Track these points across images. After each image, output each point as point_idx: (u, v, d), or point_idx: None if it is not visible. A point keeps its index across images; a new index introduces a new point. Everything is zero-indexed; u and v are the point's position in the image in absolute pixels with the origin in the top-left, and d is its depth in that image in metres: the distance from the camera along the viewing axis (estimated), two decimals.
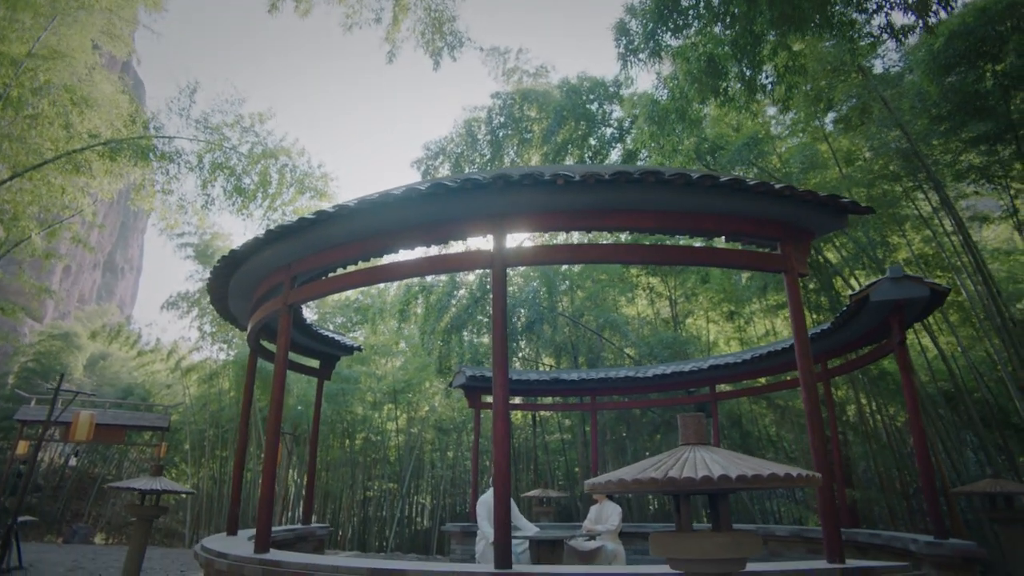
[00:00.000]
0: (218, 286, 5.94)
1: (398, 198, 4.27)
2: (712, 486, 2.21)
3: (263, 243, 5.00)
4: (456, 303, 13.04)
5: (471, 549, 9.59)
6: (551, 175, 4.07)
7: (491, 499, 7.44)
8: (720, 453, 2.51)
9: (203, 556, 4.98)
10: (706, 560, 2.38)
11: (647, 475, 2.30)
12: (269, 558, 4.37)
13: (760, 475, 2.21)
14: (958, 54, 7.55)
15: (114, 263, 59.14)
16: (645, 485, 2.28)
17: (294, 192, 12.58)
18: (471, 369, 10.33)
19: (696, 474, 2.22)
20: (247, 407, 6.50)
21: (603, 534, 7.26)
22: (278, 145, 12.21)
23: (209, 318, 18.56)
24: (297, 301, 5.26)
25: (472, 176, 4.14)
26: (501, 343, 4.16)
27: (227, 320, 7.04)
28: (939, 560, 5.47)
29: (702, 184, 4.08)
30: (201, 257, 18.10)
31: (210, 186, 12.03)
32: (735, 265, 4.78)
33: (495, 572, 3.61)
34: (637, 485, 2.30)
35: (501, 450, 3.98)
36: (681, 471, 2.27)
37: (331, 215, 4.52)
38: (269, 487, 4.89)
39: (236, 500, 6.36)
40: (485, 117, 12.44)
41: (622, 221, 4.40)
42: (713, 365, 9.33)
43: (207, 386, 19.52)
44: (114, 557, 12.67)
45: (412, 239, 4.69)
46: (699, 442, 2.64)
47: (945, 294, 6.10)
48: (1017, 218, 11.06)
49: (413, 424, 21.49)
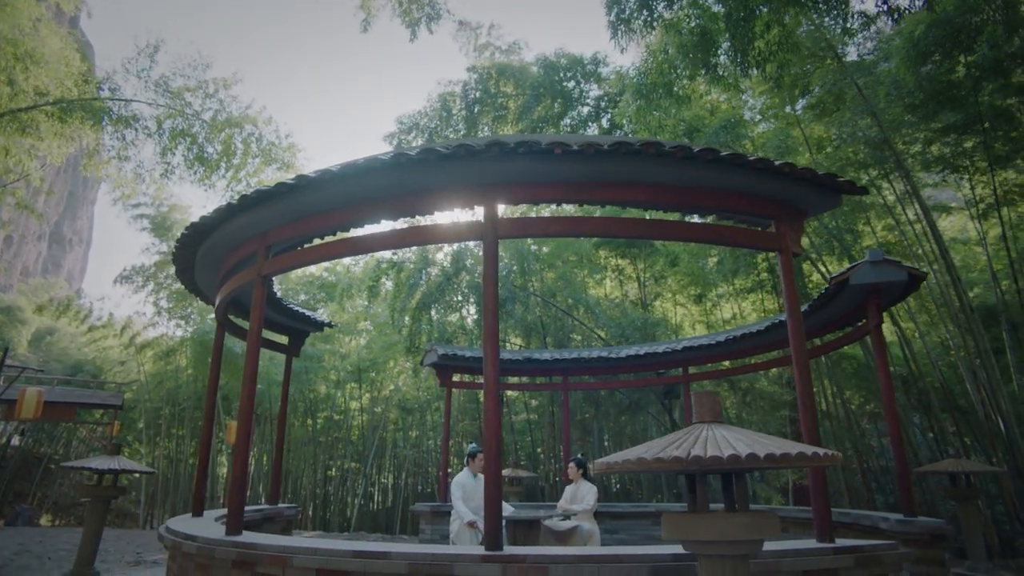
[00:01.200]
0: (185, 255, 5.59)
1: (386, 163, 4.04)
2: (737, 465, 2.11)
3: (237, 209, 4.70)
4: (427, 281, 12.79)
5: (441, 529, 9.49)
6: (548, 143, 3.90)
7: (465, 479, 7.32)
8: (736, 431, 2.42)
9: (169, 538, 4.73)
10: (725, 542, 2.29)
11: (670, 454, 2.19)
12: (243, 540, 4.15)
13: (788, 454, 2.12)
14: (936, 42, 7.63)
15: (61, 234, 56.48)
16: (668, 464, 2.17)
17: (260, 163, 12.09)
18: (443, 347, 10.15)
19: (722, 453, 2.12)
20: (214, 383, 6.20)
21: (579, 513, 7.23)
22: (243, 113, 11.69)
23: (166, 293, 17.85)
24: (272, 272, 4.98)
25: (466, 142, 3.94)
26: (492, 318, 4.00)
27: (193, 293, 6.68)
28: (909, 537, 5.61)
29: (703, 157, 3.97)
30: (158, 229, 17.31)
31: (170, 154, 11.45)
32: (731, 242, 4.71)
33: (487, 554, 3.49)
34: (659, 464, 2.19)
35: (492, 429, 3.84)
36: (705, 449, 2.17)
37: (312, 180, 4.25)
38: (242, 466, 4.65)
39: (202, 480, 6.08)
40: (461, 91, 12.11)
41: (618, 194, 4.27)
42: (687, 347, 9.36)
43: (163, 363, 18.84)
44: (63, 540, 12.15)
45: (398, 208, 4.46)
46: (714, 420, 2.55)
47: (921, 279, 6.20)
48: (978, 207, 11.41)
49: (377, 403, 21.25)
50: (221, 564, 4.13)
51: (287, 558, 3.77)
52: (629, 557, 3.39)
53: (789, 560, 3.46)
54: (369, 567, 3.55)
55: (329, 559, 3.66)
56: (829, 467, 12.16)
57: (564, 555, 3.42)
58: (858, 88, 10.03)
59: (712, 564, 2.36)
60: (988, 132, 9.19)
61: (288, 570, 3.79)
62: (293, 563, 3.74)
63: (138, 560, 9.72)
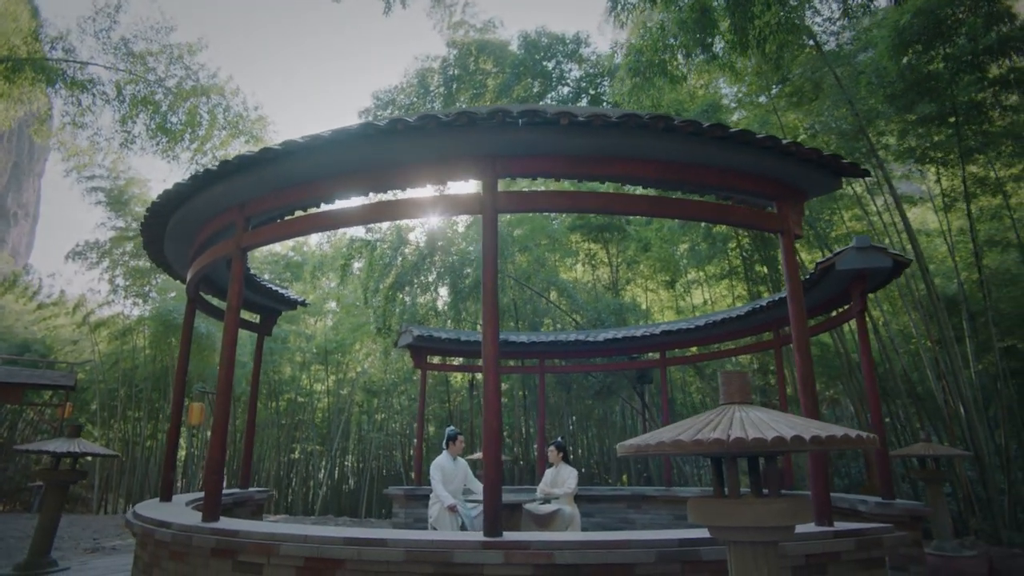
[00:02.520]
0: (155, 227, 5.24)
1: (380, 130, 3.81)
2: (782, 448, 2.01)
3: (215, 177, 4.39)
4: (401, 260, 12.49)
5: (416, 512, 9.35)
6: (554, 113, 3.72)
7: (444, 462, 7.19)
8: (768, 412, 2.33)
9: (139, 525, 4.45)
10: (758, 528, 2.20)
11: (709, 435, 2.07)
12: (222, 527, 3.92)
13: (834, 436, 2.03)
14: (919, 31, 7.69)
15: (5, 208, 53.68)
16: (708, 446, 2.05)
17: (226, 135, 11.57)
18: (418, 328, 9.93)
19: (765, 435, 2.01)
20: (183, 362, 5.86)
21: (560, 497, 7.17)
22: (210, 82, 11.11)
23: (122, 270, 17.10)
24: (252, 244, 4.70)
25: (467, 109, 3.73)
26: (492, 297, 3.83)
27: (160, 267, 6.30)
28: (888, 519, 5.69)
29: (711, 133, 3.86)
30: (114, 204, 16.48)
31: (131, 122, 10.82)
32: (733, 222, 4.63)
33: (488, 540, 3.35)
34: (697, 446, 2.07)
35: (492, 409, 3.69)
36: (746, 431, 2.06)
37: (299, 147, 3.99)
38: (220, 449, 4.39)
39: (171, 463, 5.78)
40: (440, 67, 11.76)
41: (622, 170, 4.12)
42: (665, 331, 9.36)
43: (119, 343, 18.07)
44: (11, 527, 11.57)
45: (389, 179, 4.23)
46: (743, 401, 2.44)
47: (906, 265, 6.27)
48: (944, 200, 11.69)
49: (343, 386, 20.89)
50: (199, 552, 3.89)
51: (273, 546, 3.57)
52: (636, 543, 3.30)
53: (792, 544, 3.42)
54: (364, 555, 3.37)
55: (320, 547, 3.47)
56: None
57: (569, 541, 3.31)
58: (836, 77, 10.10)
59: (743, 551, 2.27)
60: (961, 125, 9.36)
61: (274, 558, 3.60)
62: (280, 551, 3.54)
63: (95, 547, 9.30)
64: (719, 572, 3.34)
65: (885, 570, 3.74)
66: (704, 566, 3.31)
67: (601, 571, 3.25)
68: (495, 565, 3.23)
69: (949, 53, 8.53)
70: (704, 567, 3.31)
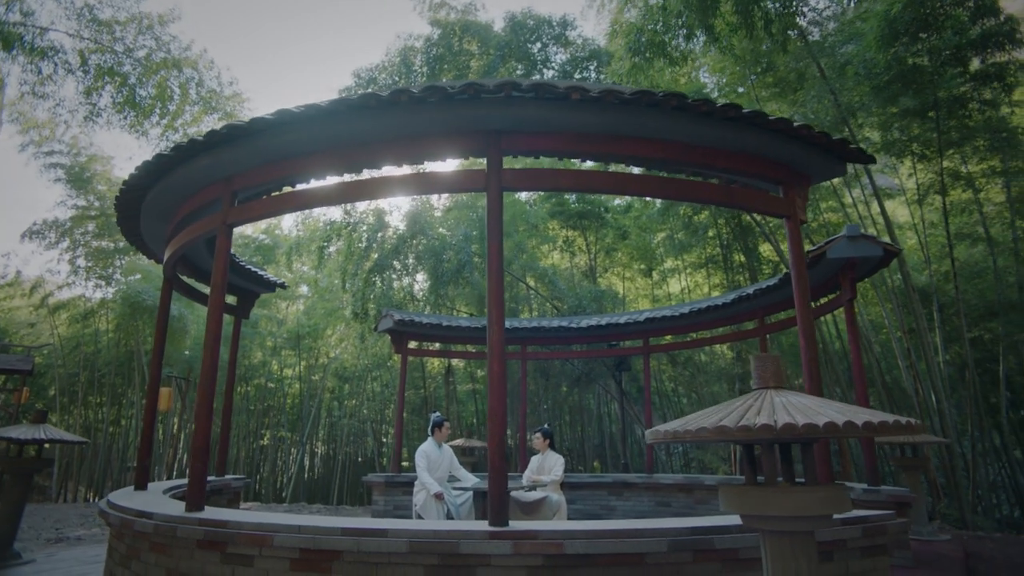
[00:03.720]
0: (131, 201, 4.93)
1: (383, 101, 3.61)
2: (835, 433, 1.92)
3: (200, 148, 4.13)
4: (381, 243, 12.20)
5: (396, 500, 9.19)
6: (566, 87, 3.57)
7: (430, 448, 7.04)
8: (804, 396, 2.24)
9: (116, 516, 4.20)
10: (798, 517, 2.11)
11: (757, 421, 1.97)
12: (210, 517, 3.72)
13: (885, 423, 1.95)
14: (909, 21, 7.72)
15: None
16: (756, 432, 1.95)
17: (199, 111, 11.09)
18: (399, 313, 9.72)
19: (816, 420, 1.92)
20: (160, 344, 5.58)
21: (547, 485, 7.09)
22: (183, 54, 10.59)
23: (84, 250, 16.39)
24: (239, 220, 4.44)
25: (474, 81, 3.55)
26: (497, 276, 3.68)
27: (134, 244, 5.97)
28: (875, 505, 5.76)
29: (724, 113, 3.76)
30: (75, 181, 15.74)
31: (97, 95, 10.26)
32: (740, 206, 4.56)
33: (496, 530, 3.22)
34: (744, 432, 1.97)
35: (497, 394, 3.55)
36: (793, 417, 1.97)
37: (294, 117, 3.76)
38: (204, 434, 4.17)
39: (147, 450, 5.50)
40: (423, 47, 11.44)
41: (631, 149, 4.00)
42: (649, 318, 9.33)
43: (80, 326, 17.38)
44: None
45: (389, 154, 4.03)
46: (778, 385, 2.35)
47: (895, 254, 6.32)
48: (919, 192, 11.91)
49: (314, 371, 20.53)
50: (184, 544, 3.68)
51: (266, 537, 3.38)
52: (648, 531, 3.22)
53: None
54: (363, 546, 3.22)
55: (316, 538, 3.30)
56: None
57: (579, 530, 3.21)
58: (819, 69, 10.14)
59: (779, 541, 2.19)
60: (941, 119, 9.49)
61: (266, 550, 3.41)
62: (274, 543, 3.35)
63: (59, 537, 8.93)
64: (730, 560, 3.29)
65: (887, 557, 3.74)
66: (715, 555, 3.25)
67: (611, 560, 3.15)
68: (503, 556, 3.11)
69: (935, 46, 8.61)
70: (715, 556, 3.25)
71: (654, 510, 8.95)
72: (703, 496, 8.54)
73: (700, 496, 8.57)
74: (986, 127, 9.46)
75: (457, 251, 11.15)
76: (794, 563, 2.13)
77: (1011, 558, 7.08)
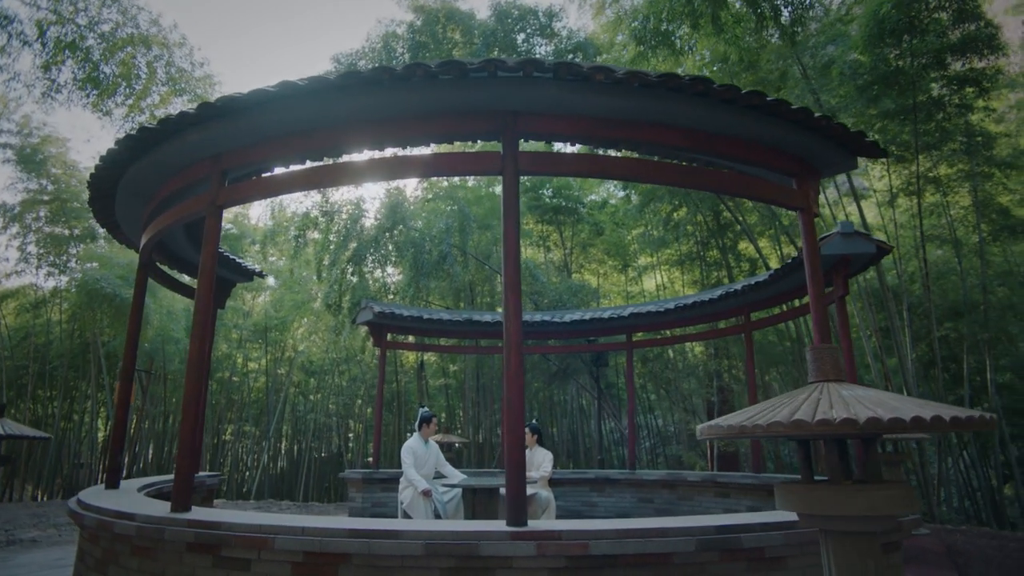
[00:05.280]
0: (109, 178, 4.57)
1: (397, 75, 3.39)
2: (920, 429, 1.82)
3: (191, 122, 3.82)
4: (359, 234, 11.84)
5: (374, 497, 8.94)
6: (590, 68, 3.42)
7: (416, 444, 6.83)
8: (866, 389, 2.14)
9: (91, 517, 3.88)
10: (867, 517, 2.00)
11: (837, 415, 1.85)
12: (200, 518, 3.45)
13: (972, 417, 1.85)
14: (897, 21, 7.81)
15: None
16: (839, 427, 1.83)
17: (167, 91, 10.56)
18: (379, 305, 9.43)
19: (904, 415, 1.80)
20: (134, 334, 5.21)
21: (536, 481, 6.96)
22: (151, 31, 10.05)
23: (35, 236, 15.53)
24: (230, 202, 4.15)
25: (493, 58, 3.36)
26: (514, 263, 3.51)
27: (106, 226, 5.58)
28: None
29: (748, 100, 3.66)
30: (26, 163, 14.85)
31: (55, 69, 9.66)
32: (756, 196, 4.49)
33: (517, 530, 3.06)
34: (824, 427, 1.85)
35: (515, 388, 3.38)
36: (874, 411, 1.85)
37: (298, 90, 3.51)
38: (191, 430, 3.88)
39: (119, 446, 5.15)
40: (406, 32, 11.11)
41: (649, 136, 3.87)
42: (633, 313, 9.27)
43: (30, 316, 16.49)
44: None
45: (397, 134, 3.81)
46: (837, 378, 2.24)
47: (887, 251, 6.37)
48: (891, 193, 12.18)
49: (280, 365, 19.99)
50: (172, 548, 3.41)
51: (266, 539, 3.14)
52: (675, 530, 3.10)
53: None
54: (374, 548, 3.01)
55: (322, 540, 3.08)
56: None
57: (604, 530, 3.06)
58: (802, 68, 10.24)
59: (845, 543, 2.08)
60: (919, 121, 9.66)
61: (265, 553, 3.18)
62: (275, 545, 3.12)
63: (10, 539, 8.37)
64: (756, 560, 3.20)
65: (901, 552, 3.72)
66: (742, 554, 3.15)
67: (637, 560, 3.03)
68: (526, 557, 2.95)
69: (917, 48, 8.74)
70: (741, 555, 3.15)
71: (636, 507, 8.90)
72: (686, 492, 8.53)
73: (683, 492, 8.56)
74: (962, 131, 9.68)
75: (437, 243, 10.90)
76: (861, 565, 2.02)
77: (983, 550, 7.26)
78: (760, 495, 7.66)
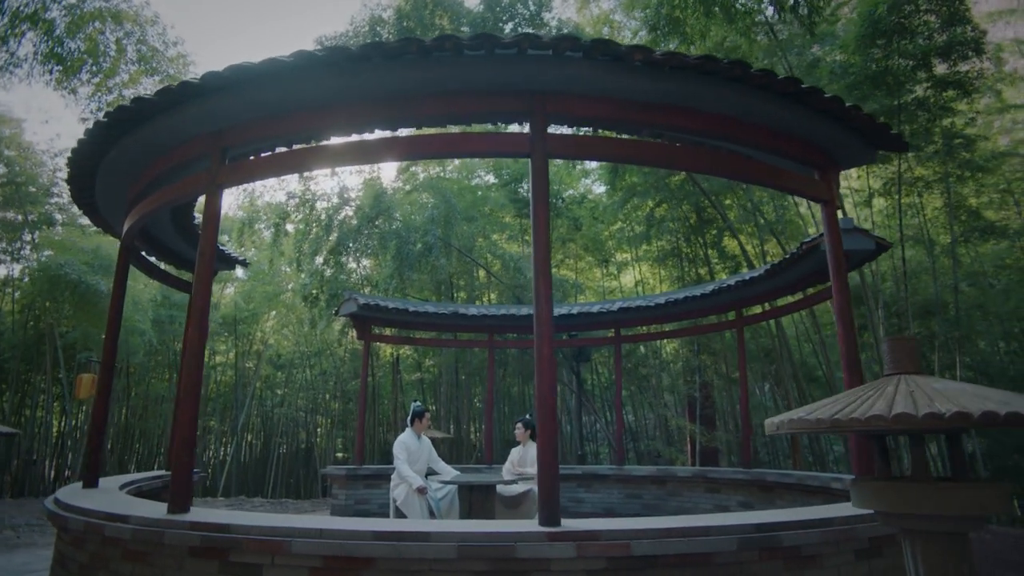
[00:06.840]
0: (93, 155, 4.23)
1: (425, 47, 3.18)
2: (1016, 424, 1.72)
3: (192, 94, 3.54)
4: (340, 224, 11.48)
5: (358, 494, 8.68)
6: (627, 48, 3.27)
7: (409, 440, 6.62)
8: (945, 382, 2.04)
9: (77, 519, 3.58)
10: (957, 517, 1.90)
11: (927, 409, 1.74)
12: (206, 520, 3.19)
13: None
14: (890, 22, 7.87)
15: None
16: (921, 422, 1.72)
17: (137, 71, 10.02)
18: (364, 297, 9.15)
19: (998, 409, 1.70)
20: (115, 323, 4.86)
21: (531, 478, 6.80)
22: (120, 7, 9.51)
23: None
24: (231, 181, 3.88)
25: (527, 33, 3.18)
26: (544, 249, 3.34)
27: (83, 208, 5.20)
28: None
29: (784, 87, 3.58)
30: None
31: (14, 42, 9.06)
32: (782, 187, 4.43)
33: (555, 531, 2.90)
34: (933, 421, 1.73)
35: (547, 382, 3.21)
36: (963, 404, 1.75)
37: (318, 61, 3.27)
38: (189, 425, 3.61)
39: (98, 442, 4.80)
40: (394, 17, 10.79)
41: (679, 120, 3.74)
42: (622, 308, 9.21)
43: None
44: None
45: (416, 112, 3.60)
46: (915, 370, 2.14)
47: (886, 248, 6.40)
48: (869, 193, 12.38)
49: (248, 358, 19.42)
50: (172, 552, 3.15)
51: (282, 543, 2.92)
52: (717, 529, 2.98)
53: (863, 527, 3.26)
54: (402, 552, 2.81)
55: (344, 543, 2.87)
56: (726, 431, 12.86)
57: (645, 529, 2.93)
58: (788, 67, 10.29)
59: (931, 544, 1.97)
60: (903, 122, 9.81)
61: (280, 558, 2.95)
62: (291, 549, 2.89)
63: None
64: (793, 558, 3.11)
65: None
66: (780, 552, 3.05)
67: (678, 561, 2.90)
68: (565, 559, 2.79)
69: (906, 49, 8.84)
70: (779, 553, 3.06)
71: (623, 503, 8.85)
72: (675, 488, 8.50)
73: (672, 488, 8.53)
74: (944, 133, 9.86)
75: (422, 234, 10.64)
76: (954, 568, 1.92)
77: None
78: (750, 490, 7.68)
